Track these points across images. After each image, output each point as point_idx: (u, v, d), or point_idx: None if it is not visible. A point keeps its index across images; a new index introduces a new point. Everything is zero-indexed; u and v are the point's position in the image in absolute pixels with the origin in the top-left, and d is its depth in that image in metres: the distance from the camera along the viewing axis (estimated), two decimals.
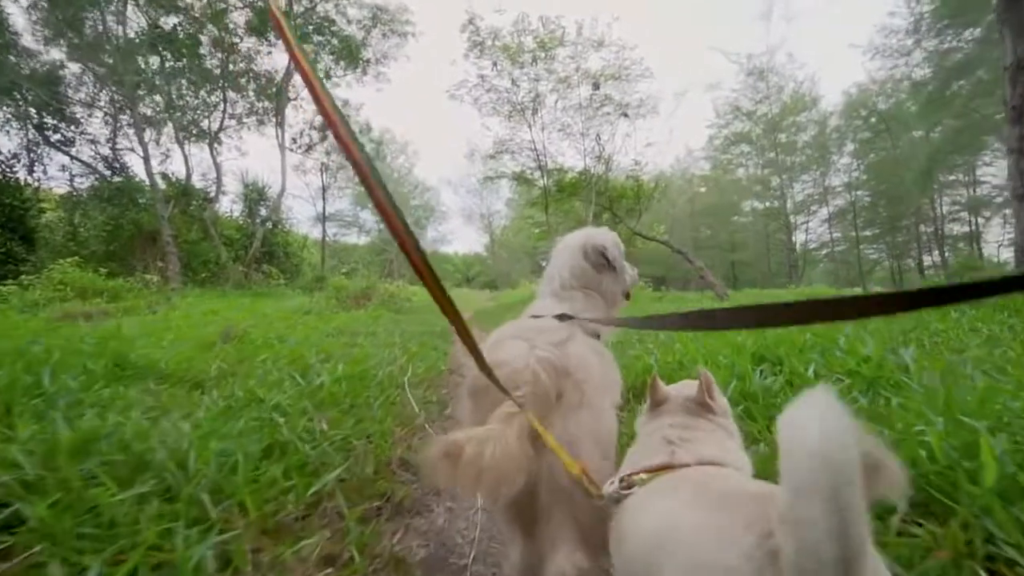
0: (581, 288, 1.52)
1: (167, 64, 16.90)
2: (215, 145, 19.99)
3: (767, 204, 40.81)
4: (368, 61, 17.91)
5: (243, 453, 1.67)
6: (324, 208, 28.08)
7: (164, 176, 18.33)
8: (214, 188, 19.95)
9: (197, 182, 20.24)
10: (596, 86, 15.56)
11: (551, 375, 1.11)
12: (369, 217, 45.58)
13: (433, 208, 49.43)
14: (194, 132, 19.93)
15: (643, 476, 0.93)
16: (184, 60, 17.19)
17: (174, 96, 18.22)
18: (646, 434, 1.11)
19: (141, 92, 16.70)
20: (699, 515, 0.71)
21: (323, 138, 20.04)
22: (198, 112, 19.40)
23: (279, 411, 2.20)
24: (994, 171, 30.67)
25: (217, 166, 19.77)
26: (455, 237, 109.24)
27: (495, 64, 15.73)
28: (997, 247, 32.13)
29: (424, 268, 0.88)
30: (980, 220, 32.37)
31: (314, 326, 6.40)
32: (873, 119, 32.99)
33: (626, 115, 15.74)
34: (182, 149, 18.79)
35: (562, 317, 1.34)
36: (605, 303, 1.55)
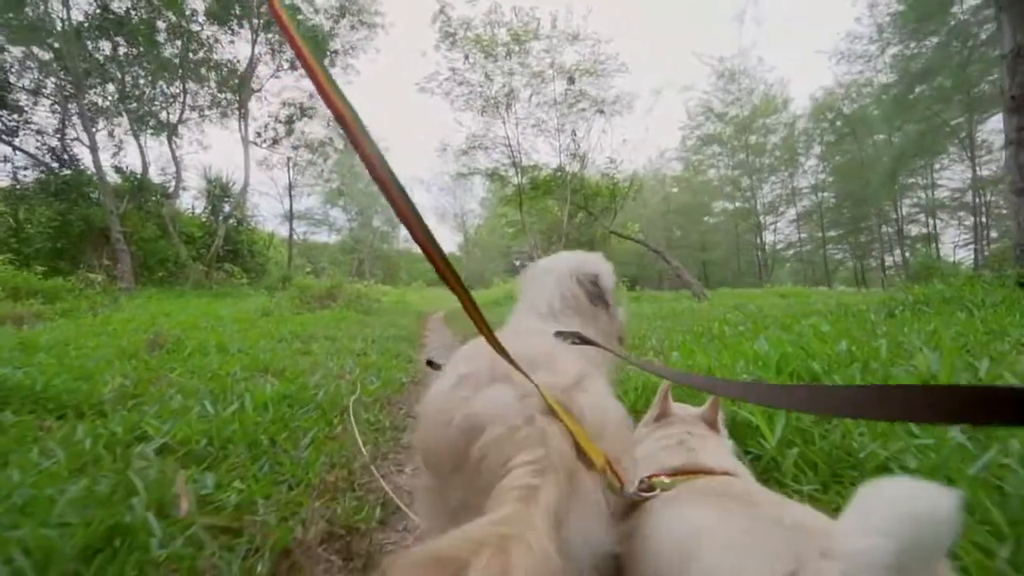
0: (576, 318, 1.23)
1: (120, 51, 15.94)
2: (174, 138, 19.06)
3: (737, 205, 41.48)
4: (336, 52, 17.23)
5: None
6: (291, 205, 27.20)
7: (118, 170, 17.33)
8: (173, 183, 19.00)
9: (155, 177, 19.25)
10: (571, 80, 15.23)
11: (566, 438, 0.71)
12: (340, 215, 44.62)
13: None
14: (151, 124, 18.95)
15: (665, 480, 0.91)
16: (139, 47, 16.26)
17: (128, 85, 17.24)
18: (655, 439, 1.10)
19: (92, 80, 15.72)
20: (735, 536, 0.68)
21: (289, 132, 19.25)
22: (155, 103, 18.43)
23: (162, 455, 1.65)
24: (950, 175, 31.95)
25: (176, 160, 18.84)
26: None
27: (467, 57, 15.27)
28: (953, 248, 33.44)
29: (443, 265, 0.79)
30: (938, 222, 33.55)
31: (268, 329, 5.92)
32: (839, 122, 33.74)
33: (602, 112, 15.50)
34: (137, 141, 17.83)
35: (565, 335, 1.06)
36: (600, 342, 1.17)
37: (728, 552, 0.66)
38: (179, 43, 16.91)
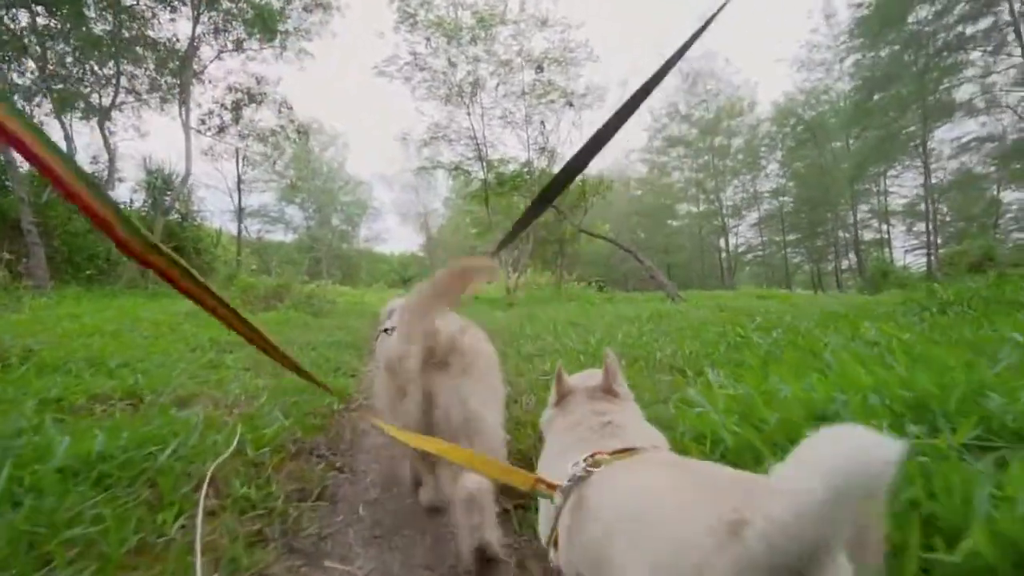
0: None
1: (39, 23, 14.30)
2: (107, 123, 17.40)
3: (702, 208, 41.85)
4: (286, 33, 15.97)
5: None
6: (240, 199, 25.51)
7: None
8: (106, 173, 17.34)
9: (87, 166, 17.54)
10: (540, 68, 14.42)
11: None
12: (296, 213, 42.76)
13: (366, 205, 47.04)
14: (80, 107, 17.25)
15: (606, 456, 0.92)
16: (64, 20, 14.66)
17: (52, 62, 15.57)
18: (567, 428, 1.11)
19: (5, 52, 14.06)
20: (682, 493, 0.71)
21: (235, 119, 17.79)
22: (84, 83, 16.75)
23: None
24: (900, 182, 33.12)
25: (109, 148, 17.18)
26: (390, 236, 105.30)
27: (428, 40, 14.30)
28: (904, 252, 34.68)
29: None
30: (889, 227, 34.73)
31: (188, 335, 4.96)
32: (799, 128, 34.38)
33: (571, 104, 14.83)
34: (62, 125, 16.13)
35: None
36: None
37: (673, 504, 0.69)
38: (111, 19, 15.35)
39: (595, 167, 16.57)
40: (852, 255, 37.51)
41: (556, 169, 15.91)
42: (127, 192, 19.96)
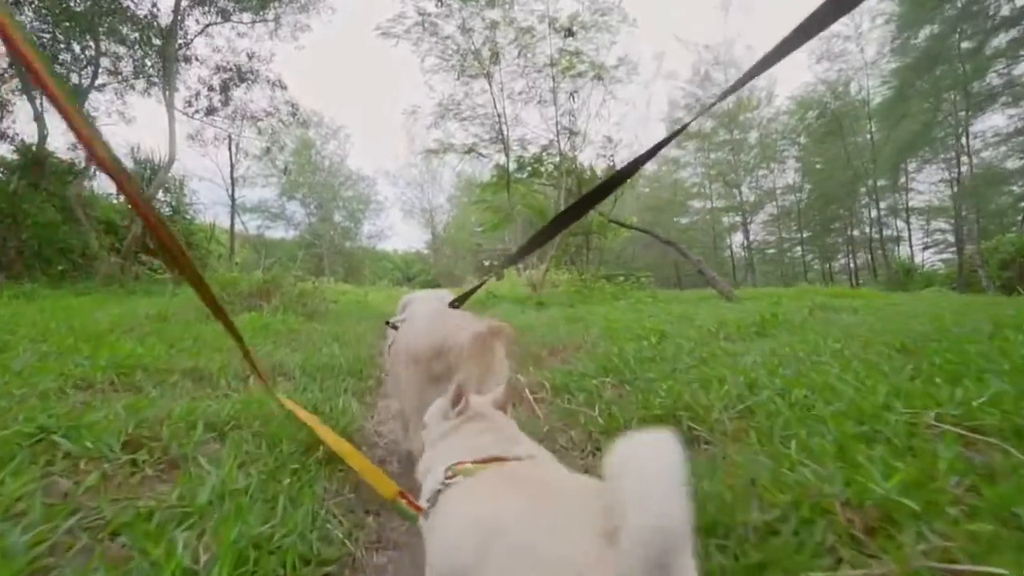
0: None
1: None
2: (87, 107, 15.89)
3: (716, 203, 40.30)
4: (280, 1, 14.37)
5: None
6: (233, 189, 23.84)
7: (6, 138, 14.14)
8: (84, 160, 15.82)
9: (65, 153, 16.06)
10: (569, 32, 12.64)
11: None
12: (297, 209, 41.24)
13: (369, 200, 45.48)
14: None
15: (470, 466, 0.93)
16: None
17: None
18: (454, 431, 1.13)
19: None
20: (541, 504, 0.74)
21: (225, 101, 16.19)
22: (59, 62, 15.23)
23: None
24: (924, 176, 31.54)
25: None
26: (394, 233, 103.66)
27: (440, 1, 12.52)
28: (921, 250, 33.43)
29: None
30: (909, 224, 33.13)
31: (125, 349, 3.39)
32: (823, 119, 32.71)
33: (600, 78, 13.09)
34: (34, 106, 14.62)
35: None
36: None
37: (545, 521, 0.70)
38: None
39: (628, 144, 14.76)
40: (864, 252, 36.13)
41: (581, 153, 14.29)
42: (112, 183, 18.45)
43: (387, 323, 2.11)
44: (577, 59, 12.59)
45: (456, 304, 2.13)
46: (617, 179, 1.67)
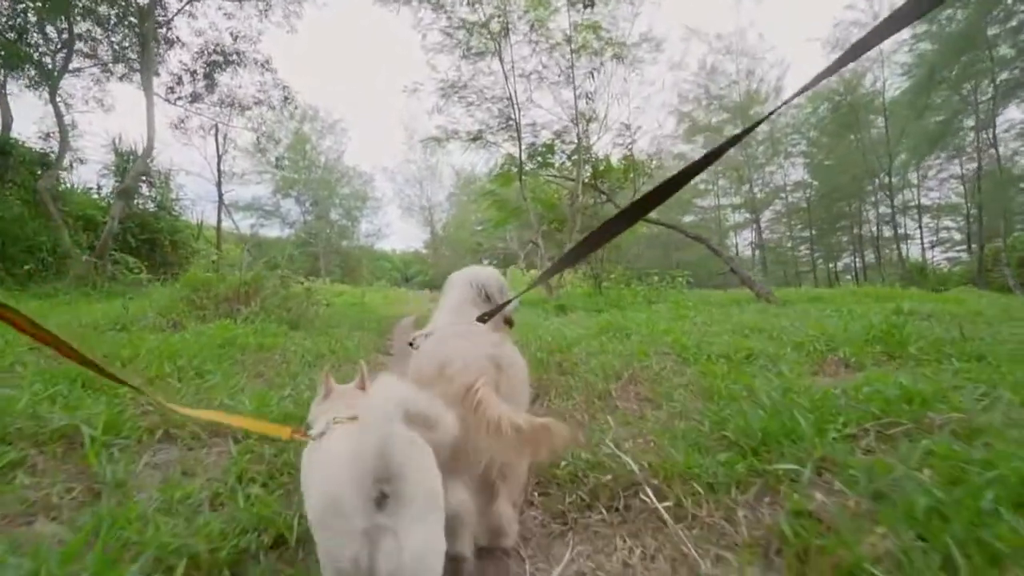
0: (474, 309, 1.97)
1: None
2: (59, 94, 14.73)
3: (723, 201, 39.25)
4: None
5: None
6: (219, 181, 22.54)
7: None
8: (57, 151, 14.66)
9: (35, 142, 14.90)
10: (591, 3, 11.40)
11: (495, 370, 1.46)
12: (292, 206, 40.00)
13: (366, 197, 44.24)
14: (27, 72, 14.58)
15: (333, 424, 1.25)
16: None
17: None
18: (331, 404, 1.48)
19: None
20: (340, 444, 1.13)
21: (210, 87, 14.98)
22: (30, 44, 14.06)
23: None
24: (935, 173, 30.50)
25: (62, 121, 14.48)
26: (392, 232, 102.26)
27: None
28: (930, 247, 32.37)
29: None
30: (920, 222, 32.12)
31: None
32: (837, 112, 31.54)
33: (620, 58, 11.89)
34: None
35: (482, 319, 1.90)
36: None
37: (330, 467, 1.07)
38: None
39: (644, 135, 13.37)
40: (871, 251, 35.13)
41: (597, 141, 13.06)
42: (91, 175, 17.21)
43: (409, 344, 2.01)
44: (595, 35, 11.37)
45: (485, 318, 1.94)
46: (689, 173, 1.35)
